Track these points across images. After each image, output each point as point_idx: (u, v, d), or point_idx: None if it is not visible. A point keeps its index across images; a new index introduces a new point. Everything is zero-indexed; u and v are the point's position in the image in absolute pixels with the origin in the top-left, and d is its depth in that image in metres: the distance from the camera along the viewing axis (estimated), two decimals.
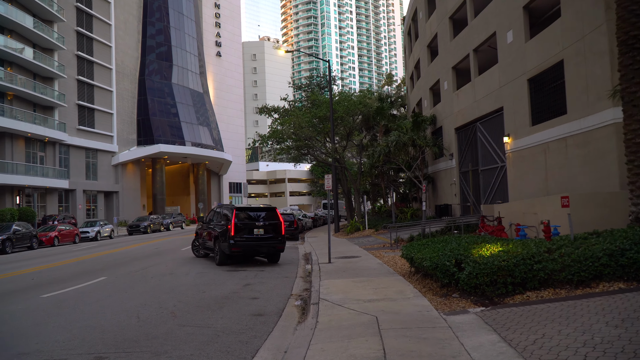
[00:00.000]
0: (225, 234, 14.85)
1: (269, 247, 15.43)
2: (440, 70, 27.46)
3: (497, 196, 21.23)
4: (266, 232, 15.15)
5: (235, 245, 14.63)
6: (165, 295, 10.12)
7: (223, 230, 15.10)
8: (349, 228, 27.78)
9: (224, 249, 14.96)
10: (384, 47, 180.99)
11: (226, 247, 14.78)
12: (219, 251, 15.22)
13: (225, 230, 14.94)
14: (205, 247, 17.22)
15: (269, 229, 15.22)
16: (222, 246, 15.09)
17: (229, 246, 14.64)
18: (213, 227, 16.29)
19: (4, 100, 39.44)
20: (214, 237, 15.83)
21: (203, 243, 17.36)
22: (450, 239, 11.11)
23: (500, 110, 20.32)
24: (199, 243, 17.94)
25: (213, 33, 77.66)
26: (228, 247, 14.67)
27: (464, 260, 8.55)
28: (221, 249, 15.12)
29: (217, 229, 15.77)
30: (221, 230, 15.24)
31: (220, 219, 16.02)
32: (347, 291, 9.51)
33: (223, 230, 15.11)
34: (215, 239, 15.64)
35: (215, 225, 16.20)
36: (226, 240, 14.75)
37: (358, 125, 34.55)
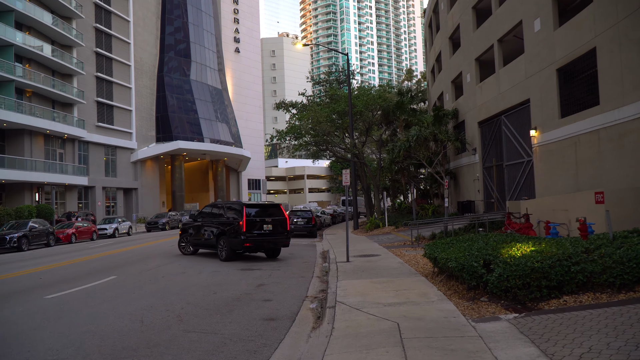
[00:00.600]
0: (237, 230, 15.14)
1: (276, 242, 16.04)
2: (463, 63, 26.55)
3: (522, 192, 20.34)
4: (274, 227, 15.76)
5: (247, 240, 15.06)
6: (174, 296, 9.62)
7: (233, 227, 15.30)
8: (369, 225, 27.11)
9: (234, 245, 15.28)
10: (404, 42, 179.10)
11: (237, 242, 15.13)
12: (227, 247, 15.43)
13: (235, 226, 15.23)
14: (201, 244, 17.12)
15: (276, 224, 15.81)
16: (231, 242, 15.30)
17: (240, 242, 15.03)
18: (213, 223, 16.33)
19: (22, 97, 39.64)
20: (217, 234, 15.93)
21: (196, 240, 17.19)
22: (476, 238, 10.39)
23: (527, 102, 19.41)
24: (188, 240, 17.66)
25: (232, 29, 77.47)
26: (240, 242, 15.05)
27: (493, 261, 7.85)
28: (230, 244, 15.35)
29: (221, 225, 15.83)
30: (230, 227, 15.41)
31: (222, 215, 16.25)
32: (365, 293, 8.88)
33: (233, 226, 15.31)
34: (220, 235, 15.77)
35: (216, 222, 16.24)
36: (237, 236, 15.09)
37: (377, 120, 33.81)
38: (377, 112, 32.96)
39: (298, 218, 26.82)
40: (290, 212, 27.85)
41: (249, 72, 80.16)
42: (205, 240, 16.68)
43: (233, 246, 15.35)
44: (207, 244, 16.69)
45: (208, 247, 16.80)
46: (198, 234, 17.12)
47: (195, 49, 64.63)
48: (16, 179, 37.03)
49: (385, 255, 14.84)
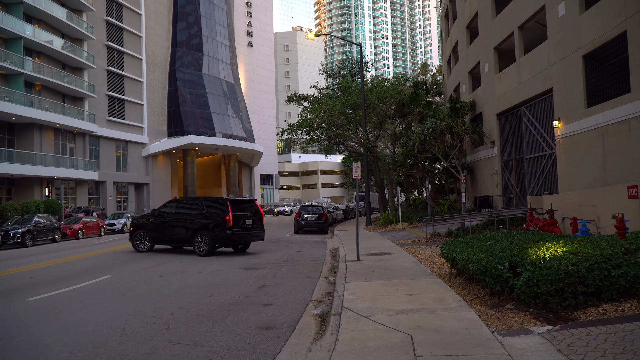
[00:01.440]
0: (223, 225, 15.51)
1: (256, 236, 16.73)
2: (481, 52, 25.42)
3: (544, 187, 19.24)
4: (253, 222, 16.38)
5: (234, 235, 15.61)
6: (166, 299, 8.83)
7: (217, 222, 15.59)
8: (381, 221, 26.19)
9: (220, 239, 15.63)
10: (419, 36, 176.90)
11: (224, 237, 15.54)
12: (209, 242, 15.59)
13: (220, 221, 15.57)
14: (169, 240, 16.85)
15: (255, 219, 16.48)
16: (216, 236, 15.58)
17: (227, 236, 15.52)
18: (188, 219, 16.23)
19: (32, 91, 39.29)
20: (194, 229, 15.93)
21: (161, 236, 16.84)
22: (499, 236, 9.42)
23: (550, 91, 18.29)
24: (146, 237, 17.14)
25: (244, 23, 76.68)
26: (227, 237, 15.53)
27: (520, 263, 6.91)
28: (214, 239, 15.59)
29: (200, 220, 15.89)
30: (213, 222, 15.64)
31: (200, 211, 16.22)
32: (375, 297, 8.00)
33: (217, 221, 15.59)
34: (198, 230, 15.84)
35: (192, 218, 16.17)
36: (224, 231, 15.48)
37: (391, 113, 32.78)
38: (391, 105, 31.94)
39: (309, 214, 25.99)
40: (300, 207, 27.05)
41: (262, 66, 79.35)
42: (176, 236, 16.50)
43: (218, 241, 15.65)
44: (178, 240, 16.56)
45: (178, 242, 16.73)
46: (164, 230, 16.75)
47: (208, 42, 63.96)
48: (26, 173, 36.70)
49: (398, 253, 13.93)
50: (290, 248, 17.95)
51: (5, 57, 35.30)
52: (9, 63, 35.46)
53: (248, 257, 15.06)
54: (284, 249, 17.75)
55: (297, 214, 26.21)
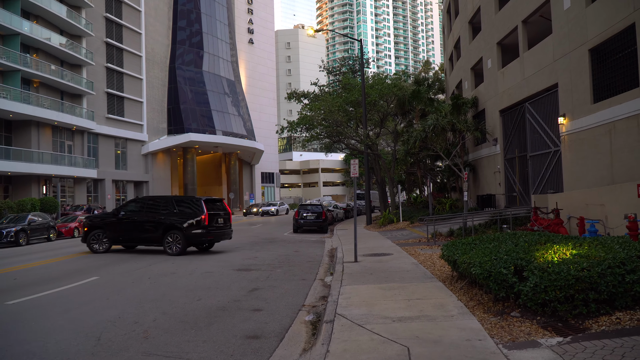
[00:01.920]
0: (198, 223, 15.52)
1: (227, 235, 16.87)
2: (484, 48, 24.88)
3: (548, 185, 18.73)
4: (224, 221, 16.52)
5: (209, 233, 15.71)
6: (150, 303, 8.36)
7: (192, 220, 15.53)
8: (382, 220, 25.70)
9: (195, 238, 15.63)
10: (421, 34, 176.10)
11: (200, 235, 15.56)
12: (182, 241, 15.50)
13: (196, 220, 15.54)
14: (134, 240, 16.39)
15: (225, 218, 16.63)
16: (191, 235, 15.53)
17: (203, 234, 15.57)
18: (156, 218, 15.93)
19: (30, 88, 38.88)
20: (164, 228, 15.70)
21: (124, 236, 16.37)
22: (502, 237, 8.93)
23: (555, 87, 17.77)
24: (105, 237, 16.50)
25: (245, 20, 76.17)
26: (203, 235, 15.58)
27: (527, 268, 6.43)
28: (189, 238, 15.54)
29: (172, 219, 15.67)
30: (187, 220, 15.55)
31: (170, 210, 15.96)
32: (372, 303, 7.51)
33: (192, 220, 15.54)
34: (170, 229, 15.65)
35: (162, 216, 15.87)
36: (199, 230, 15.51)
37: (392, 110, 32.25)
38: (392, 102, 31.43)
39: (308, 212, 25.51)
40: (299, 206, 26.55)
41: (262, 63, 78.84)
42: (143, 236, 16.10)
43: (192, 240, 15.64)
44: (145, 240, 16.14)
45: (145, 242, 16.25)
46: (129, 230, 16.27)
47: (208, 39, 63.49)
48: (23, 171, 36.30)
49: (397, 254, 13.45)
50: (288, 248, 17.49)
51: (2, 54, 34.88)
52: (6, 60, 35.03)
53: (242, 258, 14.59)
54: (281, 248, 17.30)
55: (296, 212, 25.74)
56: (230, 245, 18.52)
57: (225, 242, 20.27)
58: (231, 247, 18.06)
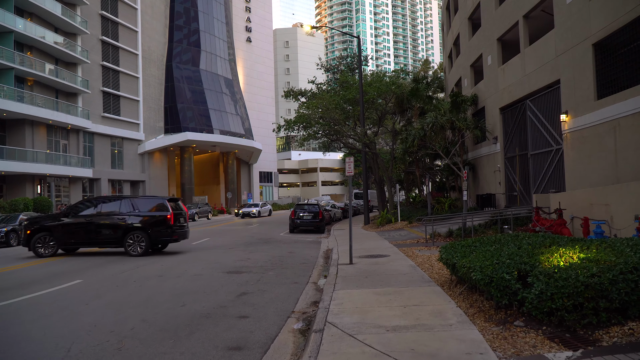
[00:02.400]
0: (164, 223, 15.46)
1: (187, 234, 16.76)
2: (484, 44, 24.41)
3: (550, 184, 18.27)
4: (184, 220, 16.54)
5: (175, 232, 15.67)
6: (132, 309, 7.89)
7: (157, 220, 15.45)
8: (379, 220, 25.23)
9: (161, 238, 15.55)
10: (421, 32, 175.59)
11: (167, 234, 15.52)
12: (146, 241, 15.33)
13: (161, 219, 15.46)
14: (91, 242, 15.76)
15: (184, 218, 16.63)
16: (157, 235, 15.44)
17: (170, 234, 15.54)
18: (117, 218, 15.53)
19: (24, 86, 38.37)
20: (126, 229, 15.40)
21: (79, 238, 15.66)
22: (504, 239, 8.45)
23: (557, 83, 17.30)
24: (53, 240, 15.68)
25: (243, 18, 75.62)
26: (169, 234, 15.54)
27: (531, 273, 5.95)
28: (152, 237, 15.42)
29: (134, 219, 15.43)
30: (151, 220, 15.43)
31: (130, 210, 15.66)
32: (365, 310, 7.04)
33: (156, 220, 15.45)
34: (131, 230, 15.39)
35: (123, 217, 15.52)
36: (166, 229, 15.46)
37: (391, 109, 31.78)
38: (390, 101, 30.95)
39: (304, 212, 25.03)
40: (296, 205, 26.08)
41: (261, 62, 78.30)
42: (101, 237, 15.57)
43: (158, 240, 15.55)
44: (103, 241, 15.64)
45: (103, 244, 15.74)
46: (83, 232, 15.56)
47: (205, 37, 62.95)
48: (17, 170, 35.80)
49: (395, 255, 12.97)
50: (282, 249, 17.01)
51: None
52: None
53: (235, 259, 14.11)
54: (275, 249, 16.82)
55: (292, 212, 25.27)
56: (224, 246, 18.06)
57: (219, 242, 19.84)
58: (225, 247, 17.60)
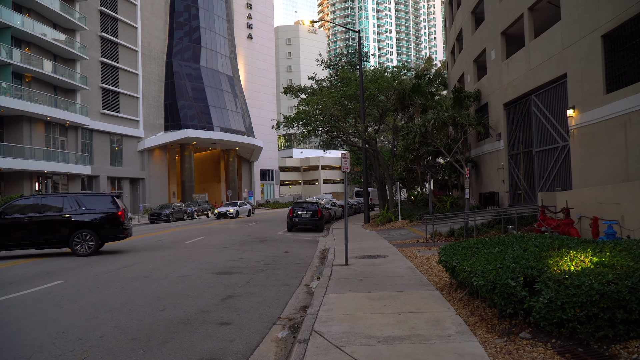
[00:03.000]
0: (114, 220, 15.22)
1: (131, 231, 16.48)
2: (487, 38, 23.77)
3: (556, 182, 17.63)
4: (128, 218, 16.23)
5: (125, 230, 15.53)
6: (107, 314, 7.34)
7: (106, 218, 15.14)
8: (380, 219, 24.65)
9: (112, 235, 15.36)
10: (424, 30, 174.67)
11: (118, 232, 15.37)
12: (95, 239, 14.98)
13: (110, 217, 15.18)
14: (31, 243, 14.77)
15: (127, 215, 16.23)
16: (105, 233, 15.17)
17: (121, 231, 15.42)
18: (60, 217, 14.85)
19: (22, 83, 37.93)
20: (72, 228, 14.82)
21: (17, 239, 14.62)
22: (509, 240, 7.86)
23: (563, 77, 16.65)
24: None
25: (244, 15, 75.05)
26: (120, 232, 15.42)
27: (539, 279, 5.36)
28: (102, 235, 15.16)
29: (82, 217, 14.92)
30: (100, 218, 15.08)
31: (75, 208, 15.08)
32: (356, 317, 6.47)
33: (106, 217, 15.14)
34: (79, 228, 14.87)
35: (67, 216, 14.89)
36: (117, 227, 15.27)
37: (392, 105, 31.14)
38: (391, 97, 30.32)
39: (302, 210, 24.45)
40: (294, 203, 25.51)
41: (262, 59, 77.74)
42: (44, 237, 14.73)
43: (107, 237, 15.35)
44: (47, 241, 14.79)
45: (46, 245, 14.83)
46: (17, 232, 14.56)
47: (206, 34, 62.43)
48: (14, 167, 35.38)
49: (393, 256, 12.38)
50: (277, 248, 16.44)
51: None
52: None
53: (227, 259, 13.54)
54: (271, 248, 16.25)
55: (290, 210, 24.71)
56: (218, 245, 17.51)
57: (213, 241, 19.30)
58: (219, 246, 17.04)
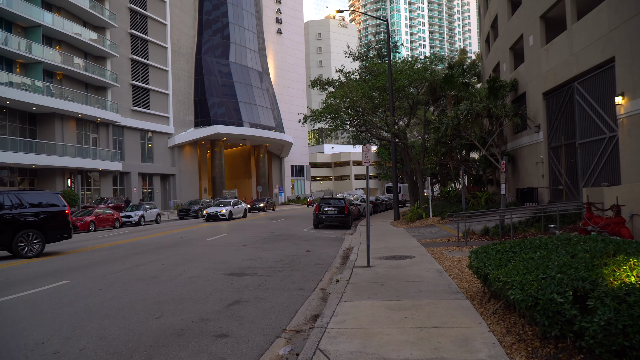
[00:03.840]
0: (62, 219, 14.73)
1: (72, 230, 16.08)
2: (524, 23, 22.32)
3: (602, 177, 16.22)
4: None
5: (71, 229, 15.35)
6: (98, 321, 6.67)
7: (54, 217, 14.57)
8: (410, 215, 23.55)
9: (60, 234, 14.84)
10: (457, 22, 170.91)
11: (66, 232, 14.91)
12: (41, 240, 14.29)
13: (59, 215, 14.67)
14: None
15: None
16: (52, 232, 14.60)
17: (68, 231, 15.02)
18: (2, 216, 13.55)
19: (53, 80, 38.31)
20: (16, 228, 13.75)
21: None
22: (552, 243, 6.78)
23: (610, 62, 15.23)
24: None
25: (273, 9, 74.56)
26: (69, 231, 15.07)
27: (592, 294, 4.35)
28: (49, 235, 14.53)
29: (24, 217, 13.95)
30: (46, 217, 14.45)
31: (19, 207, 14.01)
32: (370, 332, 5.56)
33: (53, 216, 14.56)
34: (23, 227, 13.87)
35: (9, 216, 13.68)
36: (63, 226, 14.76)
37: (423, 97, 29.89)
38: (422, 89, 29.08)
39: (329, 207, 23.58)
40: (320, 200, 24.65)
41: (291, 54, 77.12)
42: None
43: (57, 237, 14.78)
44: None
45: None
46: None
47: (235, 30, 62.15)
48: (47, 164, 35.81)
49: (420, 257, 11.38)
50: (299, 246, 15.62)
51: (23, 46, 34.25)
52: (27, 52, 34.41)
53: (244, 258, 12.81)
54: (292, 247, 15.44)
55: (317, 207, 23.87)
56: (239, 242, 16.84)
57: (235, 238, 18.66)
58: (239, 244, 16.36)
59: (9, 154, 32.11)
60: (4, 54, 33.36)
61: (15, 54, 33.78)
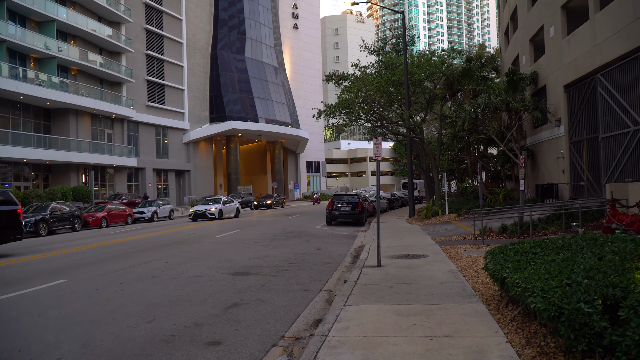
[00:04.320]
0: (15, 218, 13.90)
1: None
2: (545, 14, 21.49)
3: (626, 172, 15.44)
4: None
5: (22, 229, 14.70)
6: (84, 326, 6.29)
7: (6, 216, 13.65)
8: (425, 212, 22.93)
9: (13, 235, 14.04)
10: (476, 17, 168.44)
11: (15, 232, 14.04)
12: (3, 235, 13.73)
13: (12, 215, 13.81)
14: None
15: None
16: (10, 233, 13.86)
17: (20, 231, 14.27)
18: None
19: (67, 75, 38.35)
20: None
21: None
22: (576, 244, 6.20)
23: (636, 52, 14.44)
24: None
25: (289, 4, 74.03)
26: (21, 231, 14.31)
27: (624, 302, 3.80)
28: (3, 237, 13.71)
29: None
30: None
31: None
32: (375, 341, 5.07)
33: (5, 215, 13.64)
34: None
35: None
36: (16, 226, 13.88)
37: (440, 92, 29.17)
38: (439, 82, 28.35)
39: (342, 203, 23.06)
40: (334, 196, 24.15)
41: (308, 49, 76.54)
42: None
43: (8, 238, 13.86)
44: None
45: None
46: None
47: (251, 25, 61.78)
48: (61, 159, 35.87)
49: (434, 256, 10.83)
50: (310, 244, 15.16)
51: (37, 41, 34.29)
52: (41, 46, 34.46)
53: (251, 256, 12.39)
54: (302, 245, 14.99)
55: (330, 203, 23.37)
56: (248, 240, 16.45)
57: (245, 235, 18.27)
58: (248, 241, 15.97)
59: (23, 150, 32.19)
60: (17, 49, 33.40)
61: (29, 49, 33.81)
